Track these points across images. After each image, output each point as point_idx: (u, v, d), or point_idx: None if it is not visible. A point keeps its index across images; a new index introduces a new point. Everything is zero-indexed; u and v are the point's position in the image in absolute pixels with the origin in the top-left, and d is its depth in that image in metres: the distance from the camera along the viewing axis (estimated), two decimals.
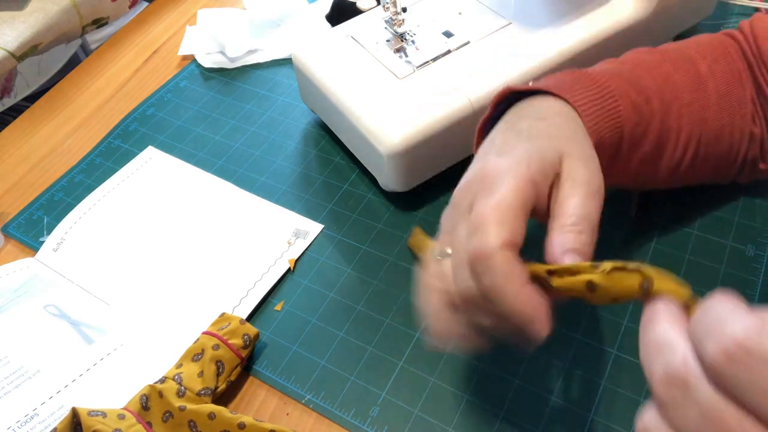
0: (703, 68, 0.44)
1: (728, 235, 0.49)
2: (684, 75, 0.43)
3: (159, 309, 0.49)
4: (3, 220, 0.58)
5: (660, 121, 0.41)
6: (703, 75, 0.43)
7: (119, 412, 0.40)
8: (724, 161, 0.45)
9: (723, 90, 0.43)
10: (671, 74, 0.43)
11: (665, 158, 0.42)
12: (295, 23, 0.72)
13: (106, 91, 0.70)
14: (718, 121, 0.43)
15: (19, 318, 0.49)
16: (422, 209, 0.54)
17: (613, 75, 0.40)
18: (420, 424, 0.42)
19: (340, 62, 0.55)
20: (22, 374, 0.45)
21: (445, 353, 0.45)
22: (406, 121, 0.49)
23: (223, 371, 0.43)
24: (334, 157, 0.59)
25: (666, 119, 0.41)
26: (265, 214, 0.55)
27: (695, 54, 0.44)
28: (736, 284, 0.46)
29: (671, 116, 0.41)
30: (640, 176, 0.43)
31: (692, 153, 0.43)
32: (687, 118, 0.42)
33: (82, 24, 0.77)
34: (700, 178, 0.47)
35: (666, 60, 0.43)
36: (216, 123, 0.64)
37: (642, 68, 0.42)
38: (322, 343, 0.46)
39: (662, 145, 0.42)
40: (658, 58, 0.44)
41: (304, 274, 0.51)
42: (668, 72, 0.43)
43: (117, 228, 0.55)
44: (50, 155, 0.64)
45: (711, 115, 0.43)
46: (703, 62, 0.44)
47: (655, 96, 0.41)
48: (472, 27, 0.56)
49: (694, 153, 0.43)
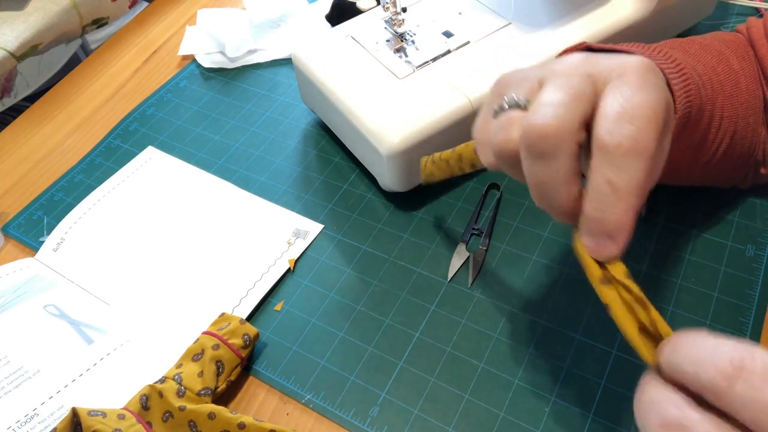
0: (735, 64, 0.42)
1: (728, 235, 0.49)
2: (724, 68, 0.41)
3: (159, 309, 0.49)
4: (3, 220, 0.58)
5: (710, 109, 0.39)
6: (737, 71, 0.42)
7: (119, 412, 0.40)
8: (744, 161, 0.44)
9: (752, 88, 0.42)
10: (715, 65, 0.41)
11: (705, 148, 0.40)
12: (295, 23, 0.72)
13: (106, 91, 0.70)
14: (746, 119, 0.42)
15: (19, 318, 0.49)
16: (422, 209, 0.54)
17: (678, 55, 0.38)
18: (420, 424, 0.42)
19: (340, 62, 0.55)
20: (22, 374, 0.45)
21: (444, 355, 0.45)
22: (406, 121, 0.49)
23: (223, 371, 0.43)
24: (334, 157, 0.59)
25: (713, 108, 0.39)
26: (265, 214, 0.55)
27: (726, 49, 0.43)
28: (736, 284, 0.46)
29: (717, 106, 0.39)
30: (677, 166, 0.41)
31: (725, 148, 0.41)
32: (728, 111, 0.40)
33: (82, 24, 0.77)
34: (718, 178, 0.46)
35: (707, 51, 0.42)
36: (216, 123, 0.64)
37: (693, 56, 0.40)
38: (322, 343, 0.46)
39: (706, 134, 0.40)
40: (700, 49, 0.41)
41: (304, 274, 0.51)
42: (712, 63, 0.41)
43: (117, 228, 0.55)
44: (50, 155, 0.64)
45: (742, 112, 0.42)
46: (735, 58, 0.43)
47: (708, 83, 0.39)
48: (472, 27, 0.56)
49: (726, 148, 0.41)
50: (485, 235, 0.51)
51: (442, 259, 0.50)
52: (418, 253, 0.51)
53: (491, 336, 0.45)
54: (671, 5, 0.56)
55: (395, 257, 0.51)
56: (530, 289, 0.47)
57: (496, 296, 0.47)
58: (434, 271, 0.49)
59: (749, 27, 0.45)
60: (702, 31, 0.47)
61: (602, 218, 0.28)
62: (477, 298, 0.47)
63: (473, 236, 0.51)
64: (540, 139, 0.28)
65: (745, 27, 0.46)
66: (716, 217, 0.50)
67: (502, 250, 0.50)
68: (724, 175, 0.46)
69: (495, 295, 0.47)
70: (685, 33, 0.63)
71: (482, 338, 0.45)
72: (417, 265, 0.50)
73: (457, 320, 0.46)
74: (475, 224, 0.52)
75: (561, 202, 0.29)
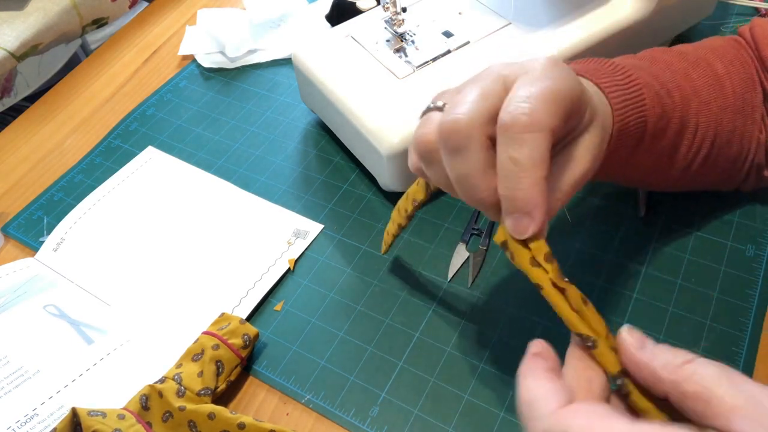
0: (720, 69, 0.43)
1: (728, 235, 0.49)
2: (702, 73, 0.42)
3: (159, 309, 0.49)
4: (3, 220, 0.58)
5: (680, 116, 0.40)
6: (721, 75, 0.42)
7: (119, 412, 0.40)
8: (732, 166, 0.45)
9: (739, 92, 0.43)
10: (689, 72, 0.42)
11: (680, 155, 0.41)
12: (295, 23, 0.72)
13: (106, 91, 0.70)
14: (732, 123, 0.42)
15: (19, 318, 0.49)
16: (422, 209, 0.54)
17: (635, 67, 0.39)
18: (420, 424, 0.42)
19: (340, 62, 0.55)
20: (22, 374, 0.45)
21: (444, 355, 0.45)
22: (406, 121, 0.49)
23: (223, 371, 0.43)
24: (334, 157, 0.59)
25: (685, 114, 0.40)
26: (265, 214, 0.55)
27: (711, 55, 0.43)
28: (736, 284, 0.46)
29: (690, 112, 0.40)
30: (652, 173, 0.42)
31: (705, 153, 0.42)
32: (704, 116, 0.41)
33: (82, 24, 0.77)
34: (707, 182, 0.46)
35: (683, 59, 0.43)
36: (216, 123, 0.64)
37: (660, 64, 0.41)
38: (322, 343, 0.46)
39: (679, 141, 0.41)
40: (675, 56, 0.43)
41: (304, 274, 0.51)
42: (686, 69, 0.42)
43: (117, 228, 0.55)
44: (50, 155, 0.64)
45: (726, 116, 0.42)
46: (720, 63, 0.43)
47: (675, 90, 0.40)
48: (472, 27, 0.56)
49: (706, 153, 0.42)
50: (485, 235, 0.51)
51: (442, 259, 0.50)
52: (418, 253, 0.51)
53: (491, 336, 0.45)
54: (671, 5, 0.56)
55: (395, 257, 0.51)
56: (530, 289, 0.47)
57: (496, 296, 0.47)
58: (434, 271, 0.49)
59: (753, 26, 0.45)
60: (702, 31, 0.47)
61: (512, 195, 0.29)
62: (477, 298, 0.47)
63: (473, 236, 0.51)
64: (451, 133, 0.30)
65: (747, 27, 0.46)
66: (716, 217, 0.50)
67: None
68: (714, 179, 0.46)
69: (495, 295, 0.47)
70: (685, 33, 0.63)
71: (482, 338, 0.45)
72: (417, 265, 0.50)
73: (457, 320, 0.46)
74: (475, 224, 0.52)
75: (481, 193, 0.31)
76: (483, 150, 0.30)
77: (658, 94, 0.38)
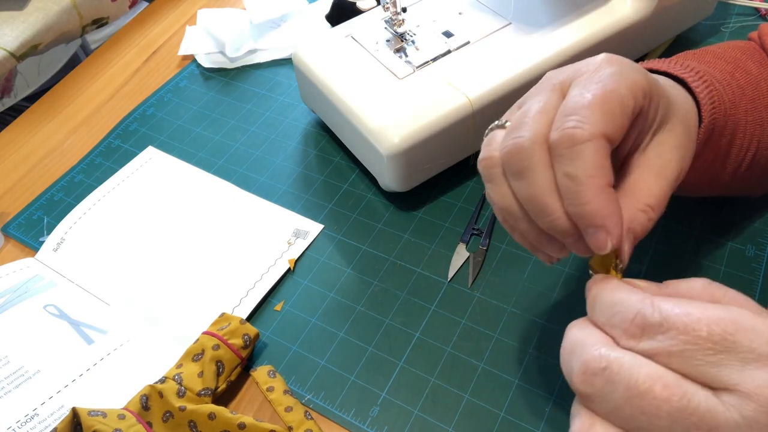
0: (754, 69, 0.41)
1: (728, 235, 0.49)
2: (742, 74, 0.41)
3: (159, 309, 0.49)
4: (3, 220, 0.58)
5: (734, 115, 0.38)
6: (756, 75, 0.41)
7: (119, 412, 0.40)
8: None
9: None
10: (733, 72, 0.40)
11: (732, 156, 0.40)
12: (295, 23, 0.72)
13: (106, 91, 0.70)
14: None
15: (19, 318, 0.49)
16: (422, 209, 0.54)
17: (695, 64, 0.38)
18: (420, 424, 0.42)
19: (340, 62, 0.55)
20: (22, 374, 0.45)
21: (444, 355, 0.45)
22: (406, 121, 0.49)
23: (223, 371, 0.43)
24: (334, 157, 0.59)
25: (736, 113, 0.39)
26: (265, 214, 0.55)
27: (743, 56, 0.42)
28: (736, 284, 0.46)
29: (740, 111, 0.39)
30: (707, 176, 0.40)
31: (752, 154, 0.40)
32: (751, 116, 0.40)
33: (82, 24, 0.77)
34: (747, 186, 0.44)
35: (720, 59, 0.41)
36: (216, 123, 0.64)
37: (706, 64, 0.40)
38: (322, 343, 0.46)
39: (732, 141, 0.39)
40: (713, 57, 0.41)
41: (304, 274, 0.51)
42: (729, 69, 0.40)
43: (117, 228, 0.55)
44: (50, 155, 0.64)
45: (766, 116, 0.41)
46: (752, 63, 0.42)
47: (728, 89, 0.39)
48: (472, 27, 0.56)
49: (753, 154, 0.41)
50: (485, 235, 0.51)
51: (442, 259, 0.50)
52: (418, 253, 0.51)
53: (491, 336, 0.45)
54: (671, 5, 0.56)
55: (395, 257, 0.51)
56: (530, 289, 0.47)
57: (496, 296, 0.47)
58: (434, 271, 0.49)
59: (762, 35, 0.44)
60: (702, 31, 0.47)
61: (578, 212, 0.28)
62: (477, 298, 0.47)
63: (473, 236, 0.51)
64: (512, 156, 0.29)
65: (757, 34, 0.45)
66: (716, 217, 0.50)
67: (502, 250, 0.50)
68: (753, 183, 0.44)
69: (495, 295, 0.47)
70: (685, 33, 0.63)
71: (482, 338, 0.45)
72: (417, 265, 0.50)
73: (457, 320, 0.46)
74: (475, 224, 0.52)
75: (552, 216, 0.29)
76: (548, 169, 0.29)
77: (719, 92, 0.37)
